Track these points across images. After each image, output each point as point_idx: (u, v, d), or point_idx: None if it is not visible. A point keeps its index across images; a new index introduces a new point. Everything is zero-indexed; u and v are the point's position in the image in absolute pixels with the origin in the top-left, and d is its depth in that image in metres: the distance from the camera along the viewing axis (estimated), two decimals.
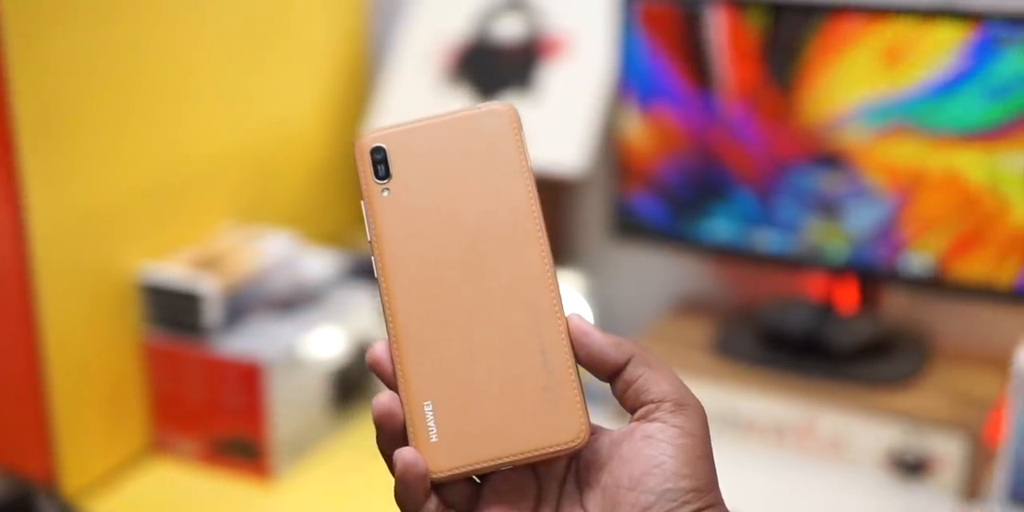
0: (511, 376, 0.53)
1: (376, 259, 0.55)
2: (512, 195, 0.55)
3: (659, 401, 0.53)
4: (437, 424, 0.53)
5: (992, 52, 1.22)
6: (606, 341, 0.54)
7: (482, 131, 0.56)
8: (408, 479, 0.52)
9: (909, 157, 1.28)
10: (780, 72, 1.32)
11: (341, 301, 1.43)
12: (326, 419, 1.39)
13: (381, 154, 0.56)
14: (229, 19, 1.43)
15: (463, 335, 0.54)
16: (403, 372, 0.54)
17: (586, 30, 1.50)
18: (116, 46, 1.26)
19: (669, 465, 0.51)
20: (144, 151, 1.32)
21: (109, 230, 1.29)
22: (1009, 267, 1.27)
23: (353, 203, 1.72)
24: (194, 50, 1.38)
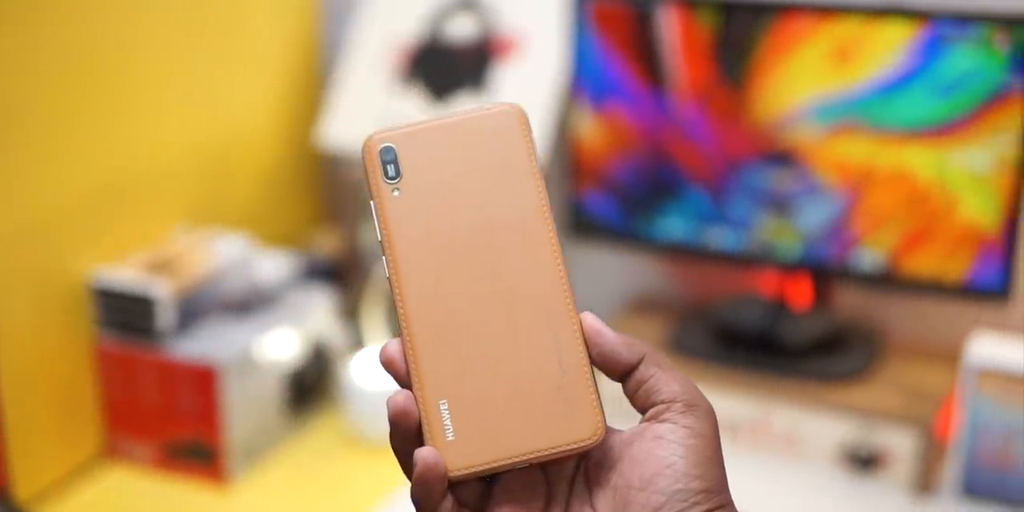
0: (526, 375, 0.54)
1: (387, 259, 0.55)
2: (522, 195, 0.56)
3: (670, 401, 0.53)
4: (453, 423, 0.53)
5: (940, 50, 1.23)
6: (619, 341, 0.54)
7: (491, 131, 0.56)
8: (428, 479, 0.52)
9: (859, 154, 1.30)
10: (732, 71, 1.33)
11: (296, 303, 1.43)
12: (282, 422, 1.39)
13: (391, 154, 0.56)
14: (180, 19, 1.42)
15: (477, 334, 0.54)
16: (418, 371, 0.54)
17: (539, 30, 1.50)
18: (63, 45, 1.25)
19: (680, 466, 0.51)
20: (93, 153, 1.31)
21: (59, 234, 1.27)
22: (958, 262, 1.28)
23: (306, 203, 1.71)
24: (144, 50, 1.37)
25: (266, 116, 1.61)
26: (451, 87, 1.53)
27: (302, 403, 1.42)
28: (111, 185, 1.34)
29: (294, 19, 1.64)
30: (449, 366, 0.54)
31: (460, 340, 0.54)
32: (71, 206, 1.28)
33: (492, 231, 0.55)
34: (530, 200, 0.56)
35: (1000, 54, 1.21)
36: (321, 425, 1.43)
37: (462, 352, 0.54)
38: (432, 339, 0.54)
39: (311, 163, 1.70)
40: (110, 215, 1.34)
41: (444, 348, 0.54)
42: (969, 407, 1.24)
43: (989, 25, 1.21)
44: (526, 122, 0.57)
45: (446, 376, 0.54)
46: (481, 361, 0.54)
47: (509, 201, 0.56)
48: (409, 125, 0.57)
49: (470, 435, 0.53)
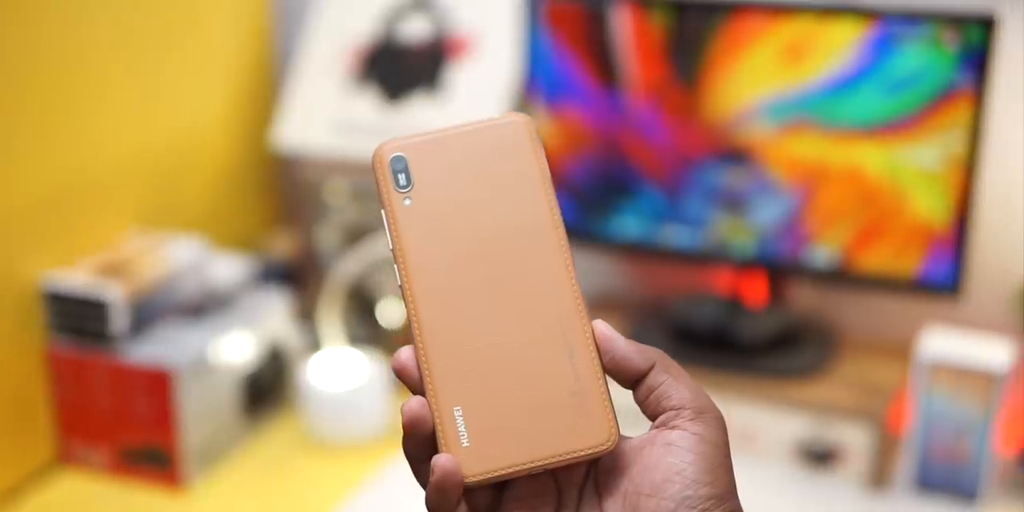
0: (539, 381, 0.54)
1: (399, 267, 0.56)
2: (533, 203, 0.56)
3: (679, 408, 0.53)
4: (468, 429, 0.53)
5: (890, 48, 1.25)
6: (630, 347, 0.55)
7: (501, 141, 0.57)
8: (446, 486, 0.52)
9: (811, 152, 1.31)
10: (685, 70, 1.34)
11: (252, 305, 1.42)
12: (238, 425, 1.38)
13: (402, 163, 0.57)
14: (131, 20, 1.40)
15: (489, 341, 0.54)
16: (431, 378, 0.54)
17: (492, 30, 1.50)
18: (11, 46, 1.23)
19: (689, 472, 0.52)
20: (44, 156, 1.29)
21: (9, 237, 1.26)
22: (910, 259, 1.30)
23: (261, 205, 1.70)
24: (95, 51, 1.35)
25: (220, 117, 1.60)
26: (406, 88, 1.52)
27: (259, 406, 1.41)
28: (63, 188, 1.32)
29: (247, 20, 1.63)
30: (462, 373, 0.54)
31: (473, 347, 0.54)
32: (21, 209, 1.27)
33: (503, 239, 0.56)
34: (540, 208, 0.56)
35: (949, 52, 1.22)
36: (278, 428, 1.43)
37: (475, 359, 0.54)
38: (445, 346, 0.54)
39: (266, 164, 1.69)
40: (62, 218, 1.32)
41: (457, 355, 0.54)
42: (922, 402, 1.25)
43: (938, 23, 1.22)
44: (535, 132, 0.57)
45: (460, 383, 0.54)
46: (494, 368, 0.54)
47: (520, 209, 0.56)
48: (419, 134, 0.57)
49: (485, 441, 0.53)
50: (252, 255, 1.60)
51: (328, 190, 1.47)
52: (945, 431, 1.25)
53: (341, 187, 1.47)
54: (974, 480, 1.24)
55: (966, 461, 1.24)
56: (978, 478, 1.24)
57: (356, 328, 1.50)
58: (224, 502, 1.30)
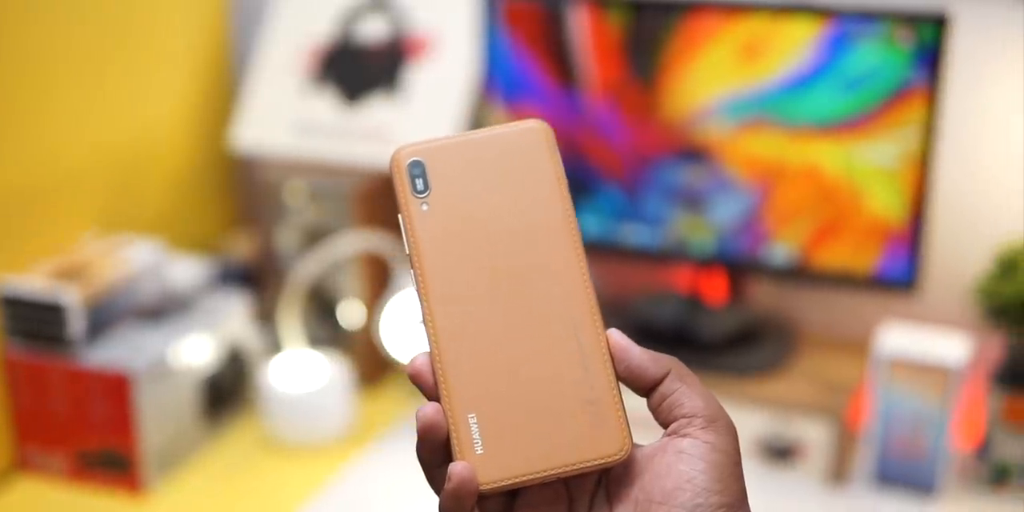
0: (554, 389, 0.54)
1: (415, 272, 0.56)
2: (549, 210, 0.56)
3: (691, 416, 0.54)
4: (482, 436, 0.53)
5: (845, 46, 1.26)
6: (645, 356, 0.55)
7: (517, 147, 0.57)
8: (462, 493, 0.52)
9: (769, 150, 1.32)
10: (642, 68, 1.34)
11: (211, 308, 1.41)
12: (198, 428, 1.37)
13: (419, 168, 0.57)
14: (87, 21, 1.39)
15: (505, 348, 0.54)
16: (446, 384, 0.54)
17: (450, 30, 1.50)
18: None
19: (700, 480, 0.52)
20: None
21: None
22: (867, 255, 1.31)
23: (220, 207, 1.69)
24: (50, 53, 1.34)
25: (177, 119, 1.59)
26: (364, 88, 1.52)
27: (219, 409, 1.40)
28: (17, 191, 1.31)
29: (204, 21, 1.62)
30: (478, 380, 0.54)
31: (488, 354, 0.54)
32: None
33: (519, 246, 0.56)
34: (556, 215, 0.56)
35: (903, 50, 1.23)
36: (239, 430, 1.42)
37: (490, 366, 0.54)
38: (460, 353, 0.54)
39: (224, 166, 1.68)
40: (17, 222, 1.31)
41: (472, 362, 0.54)
42: (880, 397, 1.26)
43: (892, 22, 1.23)
44: (551, 138, 0.58)
45: (475, 390, 0.54)
46: (509, 375, 0.54)
47: (536, 216, 0.56)
48: (436, 140, 0.57)
49: (499, 449, 0.53)
50: (211, 257, 1.59)
51: (287, 191, 1.47)
52: (903, 426, 1.26)
53: (300, 188, 1.46)
54: (932, 474, 1.26)
55: (924, 455, 1.26)
56: (935, 472, 1.25)
57: (317, 329, 1.49)
58: (185, 506, 1.29)
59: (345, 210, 1.45)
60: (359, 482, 1.31)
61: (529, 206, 0.56)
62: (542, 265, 0.55)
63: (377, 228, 1.45)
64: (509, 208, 0.56)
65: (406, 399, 1.49)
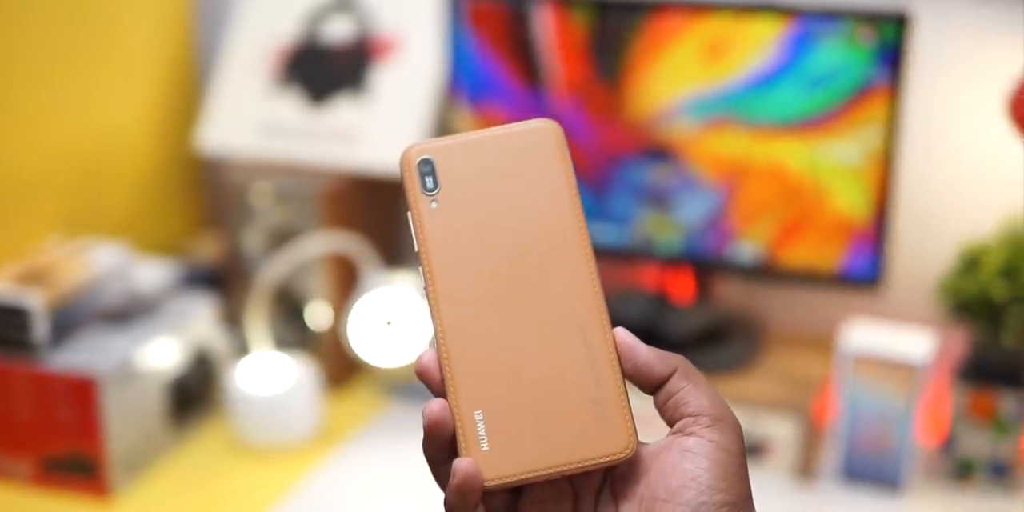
0: (560, 387, 0.54)
1: (424, 270, 0.56)
2: (558, 209, 0.56)
3: (696, 415, 0.54)
4: (488, 433, 0.54)
5: (808, 45, 1.26)
6: (652, 354, 0.55)
7: (527, 147, 0.57)
8: (466, 490, 0.52)
9: (734, 148, 1.32)
10: (607, 68, 1.35)
11: (178, 310, 1.40)
12: (164, 432, 1.36)
13: (429, 166, 0.57)
14: (48, 21, 1.38)
15: (512, 346, 0.55)
16: (453, 381, 0.54)
17: (416, 30, 1.50)
18: None
19: (705, 479, 0.52)
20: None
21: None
22: (832, 252, 1.31)
23: (186, 209, 1.68)
24: (11, 54, 1.33)
25: (142, 121, 1.58)
26: (330, 89, 1.52)
27: (186, 412, 1.40)
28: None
29: (168, 21, 1.61)
30: (484, 377, 0.54)
31: (495, 351, 0.55)
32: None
33: (528, 244, 0.56)
34: (566, 214, 0.56)
35: (865, 49, 1.24)
36: (206, 434, 1.41)
37: (497, 363, 0.54)
38: (467, 350, 0.55)
39: (189, 167, 1.67)
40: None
41: (479, 359, 0.55)
42: (846, 393, 1.27)
43: (854, 21, 1.24)
44: (562, 137, 0.58)
45: (481, 387, 0.54)
46: (516, 372, 0.54)
47: (545, 215, 0.56)
48: (447, 138, 0.58)
49: (504, 446, 0.54)
50: (177, 259, 1.58)
51: (253, 192, 1.46)
52: (869, 422, 1.26)
53: (266, 189, 1.46)
54: (897, 469, 1.26)
55: (889, 451, 1.26)
56: (901, 467, 1.26)
57: (284, 331, 1.49)
58: (152, 509, 1.28)
59: (312, 211, 1.44)
60: (327, 484, 1.31)
61: (538, 205, 0.56)
62: (550, 263, 0.56)
63: (344, 229, 1.45)
64: (518, 207, 0.56)
65: (374, 401, 1.49)
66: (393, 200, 1.59)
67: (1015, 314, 1.23)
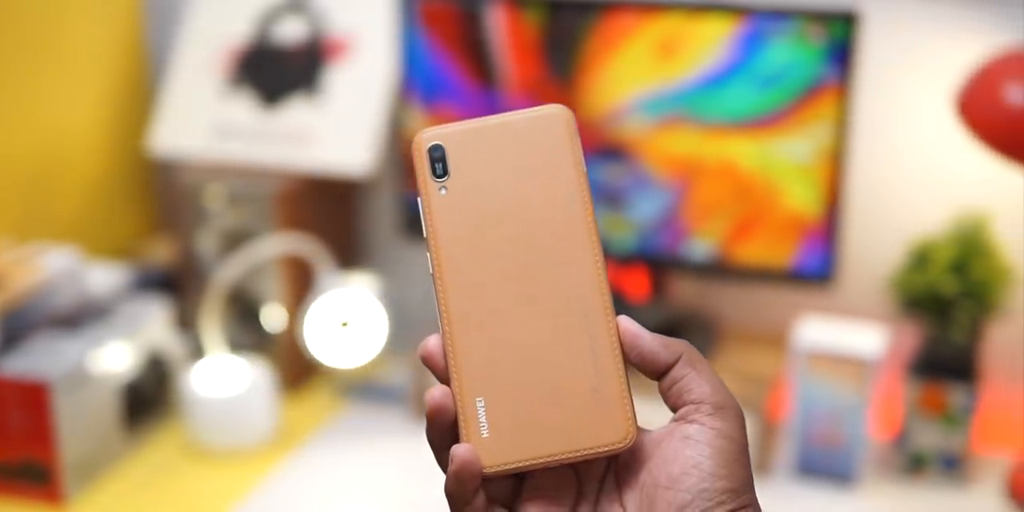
0: (562, 376, 0.54)
1: (431, 256, 0.56)
2: (566, 197, 0.56)
3: (699, 403, 0.54)
4: (489, 420, 0.54)
5: (759, 44, 1.27)
6: (656, 342, 0.55)
7: (538, 133, 0.57)
8: (463, 476, 0.53)
9: (686, 147, 1.33)
10: (560, 67, 1.35)
11: (131, 314, 1.39)
12: (118, 437, 1.35)
13: (439, 152, 0.57)
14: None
15: (515, 333, 0.55)
16: (456, 367, 0.55)
17: (368, 30, 1.49)
18: None
19: (706, 466, 0.52)
20: None
21: None
22: (784, 249, 1.32)
23: (139, 212, 1.67)
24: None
25: (92, 122, 1.56)
26: (283, 90, 1.51)
27: (140, 416, 1.39)
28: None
29: (117, 21, 1.59)
30: (487, 364, 0.55)
31: (499, 339, 0.55)
32: None
33: (535, 232, 0.56)
34: (574, 202, 0.56)
35: (816, 47, 1.25)
36: (161, 438, 1.40)
37: (500, 351, 0.55)
38: (471, 336, 0.55)
39: (141, 170, 1.66)
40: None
41: (483, 346, 0.55)
42: (799, 389, 1.28)
43: (804, 19, 1.25)
44: (572, 124, 0.57)
45: (484, 374, 0.54)
46: (519, 360, 0.55)
47: (553, 203, 0.56)
48: (459, 124, 0.58)
49: (504, 433, 0.54)
50: (129, 263, 1.57)
51: (207, 195, 1.45)
52: (822, 417, 1.28)
53: (220, 191, 1.45)
54: (851, 463, 1.28)
55: (843, 445, 1.28)
56: (854, 461, 1.27)
57: (240, 334, 1.48)
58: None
59: (266, 213, 1.44)
60: (285, 487, 1.30)
61: (547, 192, 0.56)
62: (556, 251, 0.56)
63: (298, 230, 1.44)
64: (527, 193, 0.56)
65: (331, 402, 1.48)
66: (348, 201, 1.58)
67: (964, 309, 1.25)
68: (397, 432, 1.41)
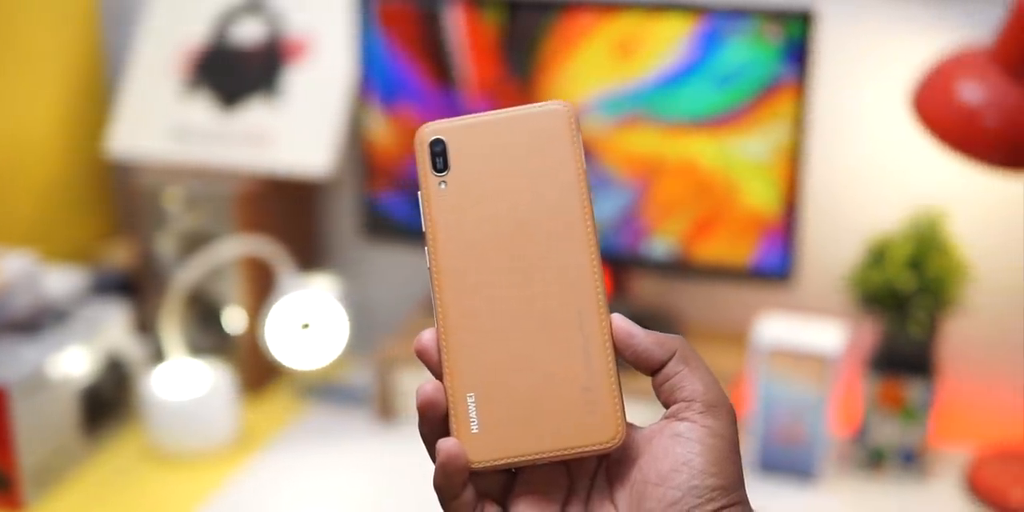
0: (553, 374, 0.55)
1: (429, 250, 0.56)
2: (565, 193, 0.56)
3: (690, 401, 0.54)
4: (479, 416, 0.54)
5: (716, 43, 1.28)
6: (650, 340, 0.55)
7: (540, 128, 0.57)
8: (449, 470, 0.53)
9: (646, 146, 1.33)
10: (519, 67, 1.35)
11: (89, 318, 1.38)
12: (78, 442, 1.34)
13: (440, 146, 0.57)
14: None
15: (509, 330, 0.55)
16: (449, 363, 0.55)
17: (327, 31, 1.49)
18: None
19: (696, 463, 0.52)
20: None
21: None
22: (743, 247, 1.33)
23: (96, 215, 1.65)
24: None
25: (48, 124, 1.55)
26: (241, 92, 1.50)
27: (100, 421, 1.38)
28: None
29: (73, 22, 1.58)
30: (479, 360, 0.55)
31: (492, 335, 0.55)
32: None
33: (532, 229, 0.56)
34: (572, 199, 0.56)
35: (772, 46, 1.26)
36: (122, 442, 1.39)
37: (493, 347, 0.55)
38: (465, 332, 0.55)
39: (99, 172, 1.65)
40: None
41: (476, 342, 0.55)
42: (761, 386, 1.29)
43: (761, 18, 1.26)
44: (575, 120, 0.57)
45: (476, 370, 0.55)
46: (511, 357, 0.55)
47: (551, 199, 0.56)
48: (462, 118, 0.58)
49: (493, 429, 0.54)
50: (88, 266, 1.56)
51: (165, 197, 1.44)
52: (783, 414, 1.28)
53: (178, 193, 1.44)
54: (811, 460, 1.29)
55: (804, 442, 1.28)
56: (815, 458, 1.28)
57: (200, 337, 1.47)
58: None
59: (225, 215, 1.43)
60: (247, 491, 1.30)
61: (546, 189, 0.56)
62: (553, 248, 0.56)
63: (258, 232, 1.44)
64: (525, 190, 0.56)
65: (292, 404, 1.48)
66: (308, 202, 1.58)
67: (921, 305, 1.26)
68: (359, 434, 1.40)
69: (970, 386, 1.40)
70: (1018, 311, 1.36)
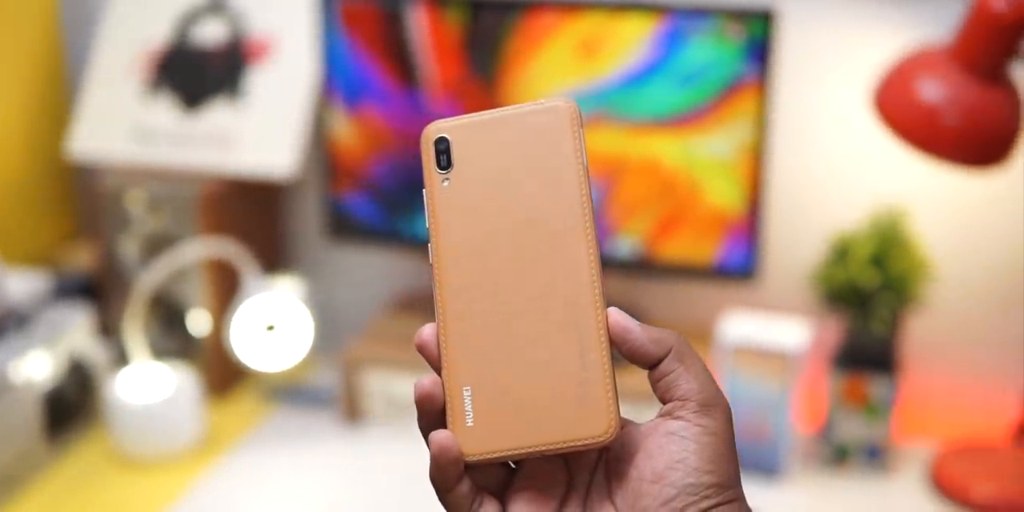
0: (548, 368, 0.55)
1: (431, 246, 0.57)
2: (566, 191, 0.57)
3: (684, 399, 0.54)
4: (474, 409, 0.55)
5: (679, 42, 1.28)
6: (647, 336, 0.55)
7: (543, 127, 0.58)
8: (441, 462, 0.54)
9: (610, 145, 1.34)
10: (483, 67, 1.35)
11: (52, 322, 1.37)
12: (41, 447, 1.33)
13: (444, 144, 0.58)
14: None
15: (506, 325, 0.56)
16: (447, 357, 0.56)
17: (289, 32, 1.48)
18: None
19: (691, 461, 0.53)
20: None
21: None
22: (707, 245, 1.34)
23: (58, 217, 1.64)
24: None
25: (9, 127, 1.53)
26: (204, 93, 1.49)
27: (63, 426, 1.36)
28: None
29: (33, 23, 1.57)
30: (477, 354, 0.56)
31: (490, 330, 0.56)
32: None
33: (533, 226, 0.57)
34: (573, 196, 0.57)
35: (735, 45, 1.27)
36: (86, 446, 1.38)
37: (491, 342, 0.56)
38: (464, 327, 0.56)
39: (61, 175, 1.63)
40: None
41: (474, 336, 0.56)
42: (725, 383, 1.29)
43: (723, 18, 1.26)
44: (577, 118, 0.58)
45: (472, 364, 0.55)
46: (507, 352, 0.55)
47: (553, 196, 0.57)
48: (467, 116, 0.58)
49: (488, 422, 0.55)
50: (49, 269, 1.55)
51: (128, 199, 1.43)
52: (748, 411, 1.29)
53: (141, 196, 1.43)
54: (776, 456, 1.29)
55: (768, 439, 1.29)
56: (780, 454, 1.29)
57: (165, 340, 1.46)
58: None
59: (188, 217, 1.42)
60: (213, 494, 1.29)
61: (547, 186, 0.57)
62: (553, 245, 0.56)
63: (222, 234, 1.43)
64: (527, 187, 0.57)
65: (258, 407, 1.47)
66: (272, 203, 1.57)
67: (883, 302, 1.27)
68: (325, 435, 1.40)
69: (933, 382, 1.41)
70: (979, 307, 1.37)
